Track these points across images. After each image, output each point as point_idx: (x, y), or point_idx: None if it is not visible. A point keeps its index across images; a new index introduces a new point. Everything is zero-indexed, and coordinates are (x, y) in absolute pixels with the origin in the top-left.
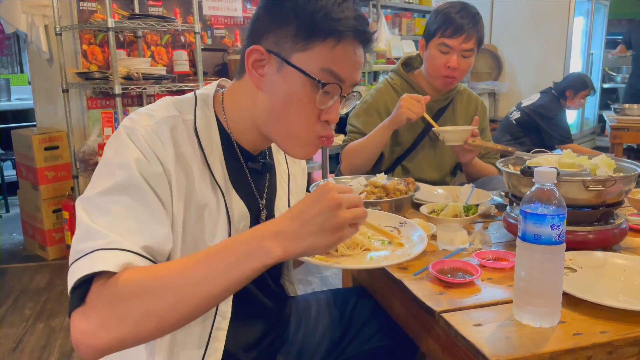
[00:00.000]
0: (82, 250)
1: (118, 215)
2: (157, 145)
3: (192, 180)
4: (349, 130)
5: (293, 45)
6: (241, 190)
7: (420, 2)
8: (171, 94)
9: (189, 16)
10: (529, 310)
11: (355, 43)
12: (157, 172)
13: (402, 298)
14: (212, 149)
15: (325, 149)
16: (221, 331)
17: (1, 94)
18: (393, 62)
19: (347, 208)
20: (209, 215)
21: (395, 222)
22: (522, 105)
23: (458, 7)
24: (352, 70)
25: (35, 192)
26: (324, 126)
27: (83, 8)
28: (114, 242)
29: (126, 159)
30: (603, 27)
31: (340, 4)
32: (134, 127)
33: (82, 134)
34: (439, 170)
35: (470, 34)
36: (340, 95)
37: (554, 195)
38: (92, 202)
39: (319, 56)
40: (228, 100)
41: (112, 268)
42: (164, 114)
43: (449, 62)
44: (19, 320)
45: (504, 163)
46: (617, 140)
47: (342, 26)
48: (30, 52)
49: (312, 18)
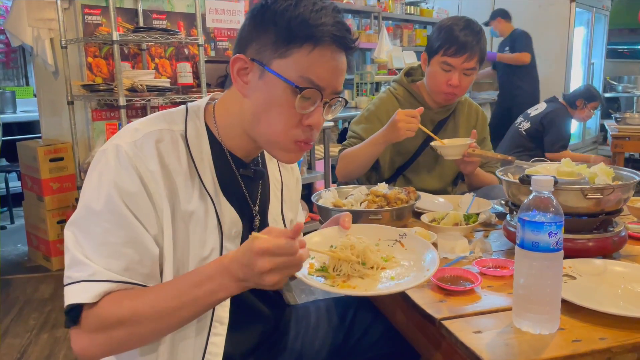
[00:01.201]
0: (70, 277)
1: (98, 240)
2: (140, 160)
3: (176, 191)
4: (349, 135)
5: (273, 52)
6: (233, 197)
7: (421, 14)
8: (175, 105)
9: (192, 29)
10: (529, 317)
11: (334, 48)
12: (134, 191)
13: (403, 306)
14: (202, 158)
15: (328, 159)
16: (219, 337)
17: (7, 106)
18: (395, 73)
19: (275, 255)
20: (197, 222)
21: (395, 235)
22: (531, 115)
23: (462, 25)
24: (331, 76)
25: (40, 203)
26: (305, 130)
27: (88, 21)
28: (96, 274)
29: (105, 182)
30: (604, 36)
31: (318, 11)
32: (119, 143)
33: (87, 146)
34: (441, 180)
35: (472, 54)
36: (322, 102)
37: (551, 203)
38: (78, 226)
39: (297, 62)
40: (219, 109)
41: (89, 300)
42: (150, 128)
43: (451, 80)
44: (23, 331)
45: (504, 172)
46: (619, 149)
47: (319, 32)
48: (36, 64)
49: (289, 25)
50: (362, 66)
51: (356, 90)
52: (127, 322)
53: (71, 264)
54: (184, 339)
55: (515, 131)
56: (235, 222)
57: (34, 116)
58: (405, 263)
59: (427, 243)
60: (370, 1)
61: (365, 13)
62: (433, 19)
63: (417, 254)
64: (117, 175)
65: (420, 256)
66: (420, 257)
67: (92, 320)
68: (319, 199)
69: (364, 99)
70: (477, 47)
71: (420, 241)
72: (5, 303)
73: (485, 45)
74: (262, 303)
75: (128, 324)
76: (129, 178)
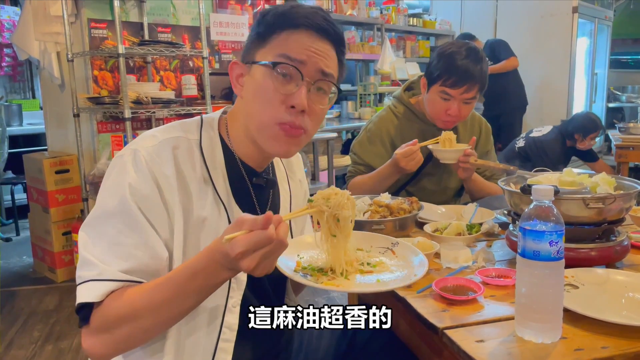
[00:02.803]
0: (80, 277)
1: (110, 240)
2: (156, 165)
3: (190, 196)
4: (353, 160)
5: (256, 46)
6: (244, 204)
7: (424, 25)
8: (179, 117)
9: (197, 42)
10: (531, 326)
11: (311, 32)
12: (149, 194)
13: (406, 315)
14: (216, 166)
15: (332, 170)
16: (229, 343)
17: (13, 119)
18: (398, 84)
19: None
20: (209, 227)
21: (387, 243)
22: (530, 135)
23: (463, 53)
24: (309, 54)
25: (45, 215)
26: (289, 112)
27: (94, 35)
28: (103, 273)
29: (121, 185)
30: (607, 46)
31: (298, 7)
32: (136, 148)
33: (92, 158)
34: (443, 195)
35: (472, 85)
36: (305, 81)
37: (552, 212)
38: (91, 227)
39: (275, 46)
40: (230, 120)
41: (95, 299)
42: (167, 135)
43: (450, 110)
44: (28, 342)
45: (506, 182)
46: (623, 159)
47: (296, 19)
48: (42, 78)
49: (270, 19)
50: (365, 77)
51: (359, 101)
52: (126, 317)
53: (81, 264)
54: (193, 345)
55: (511, 147)
56: None
57: (40, 129)
58: (394, 269)
59: (416, 250)
60: (373, 13)
61: (369, 25)
62: (436, 31)
63: (406, 261)
64: (133, 178)
65: (409, 262)
66: (409, 264)
67: (98, 319)
68: None
69: (367, 109)
70: (478, 78)
71: (411, 249)
72: (10, 314)
73: (486, 73)
74: None
75: (128, 320)
76: (144, 181)
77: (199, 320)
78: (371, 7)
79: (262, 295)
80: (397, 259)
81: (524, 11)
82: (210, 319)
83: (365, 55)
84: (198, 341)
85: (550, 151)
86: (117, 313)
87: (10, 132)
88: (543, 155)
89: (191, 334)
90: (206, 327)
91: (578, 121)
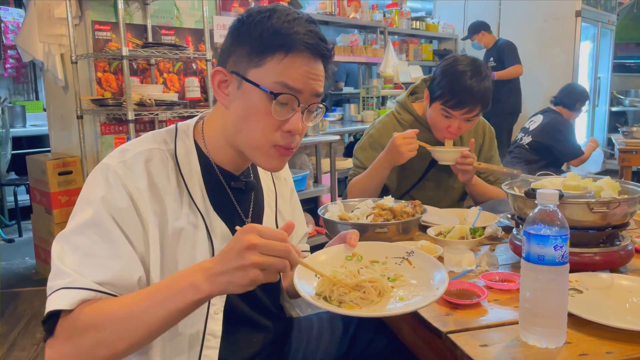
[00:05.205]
0: (51, 287)
1: (84, 252)
2: (129, 179)
3: (165, 208)
4: (354, 164)
5: (248, 62)
6: (224, 211)
7: (427, 29)
8: (182, 119)
9: (200, 44)
10: (535, 331)
11: (307, 55)
12: (123, 207)
13: (409, 319)
14: (192, 175)
15: (334, 173)
16: (213, 350)
17: (17, 120)
18: (401, 87)
19: (264, 253)
20: (186, 238)
21: (402, 253)
22: (530, 129)
23: (468, 73)
24: (306, 79)
25: (48, 216)
26: (284, 136)
27: (98, 37)
28: (74, 281)
29: (95, 197)
30: (610, 50)
31: (290, 21)
32: (109, 163)
33: (96, 159)
34: (446, 201)
35: (474, 106)
36: (300, 107)
37: (556, 216)
38: (66, 239)
39: (271, 69)
40: (206, 126)
41: (66, 306)
42: (140, 147)
43: (450, 128)
44: (30, 344)
45: (510, 186)
46: (626, 163)
47: (291, 40)
48: (46, 79)
49: (262, 36)
50: (368, 80)
51: (362, 104)
52: (93, 325)
53: (54, 275)
54: (177, 354)
55: (517, 146)
56: (226, 236)
57: (43, 130)
58: (413, 282)
59: (435, 261)
60: (376, 16)
61: (371, 28)
62: (439, 34)
63: (426, 272)
64: (107, 192)
65: (429, 274)
66: (429, 276)
67: (64, 327)
68: (325, 212)
69: (370, 112)
70: (480, 99)
71: (429, 259)
72: (12, 316)
73: (490, 91)
74: (260, 315)
75: (94, 328)
76: (119, 195)
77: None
78: (374, 10)
79: (250, 300)
80: (415, 270)
81: (527, 15)
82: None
83: (368, 58)
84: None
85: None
86: (84, 320)
87: (13, 134)
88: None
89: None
90: (188, 336)
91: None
